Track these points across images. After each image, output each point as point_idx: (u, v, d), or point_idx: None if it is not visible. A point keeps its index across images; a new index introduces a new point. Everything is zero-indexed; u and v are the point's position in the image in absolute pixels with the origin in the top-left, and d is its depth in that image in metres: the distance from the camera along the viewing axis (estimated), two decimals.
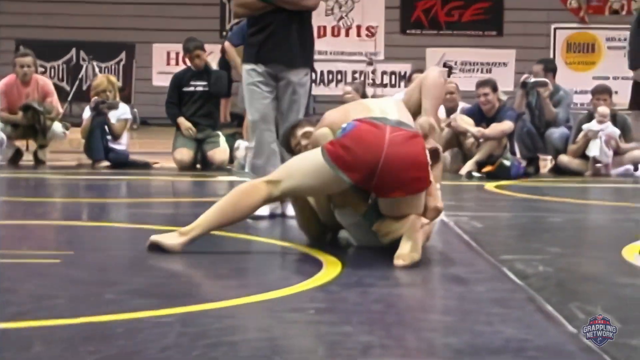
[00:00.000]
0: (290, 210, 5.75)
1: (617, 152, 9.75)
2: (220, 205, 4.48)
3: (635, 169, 9.88)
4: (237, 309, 3.33)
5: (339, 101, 11.47)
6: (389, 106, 4.53)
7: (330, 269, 4.05)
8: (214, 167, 9.82)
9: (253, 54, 5.90)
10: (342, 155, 4.27)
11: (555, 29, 18.64)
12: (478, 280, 4.00)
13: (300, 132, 5.06)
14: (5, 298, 3.42)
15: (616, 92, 10.96)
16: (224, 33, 17.08)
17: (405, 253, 4.20)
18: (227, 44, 10.45)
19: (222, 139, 10.08)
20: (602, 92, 10.08)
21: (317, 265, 4.12)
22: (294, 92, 5.89)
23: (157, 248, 4.37)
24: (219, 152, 9.97)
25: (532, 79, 10.00)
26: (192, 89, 10.11)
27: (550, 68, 10.41)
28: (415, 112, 4.61)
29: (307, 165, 4.41)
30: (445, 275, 4.13)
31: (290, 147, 5.16)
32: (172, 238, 4.41)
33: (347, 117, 4.45)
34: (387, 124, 4.34)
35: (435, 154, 4.47)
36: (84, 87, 17.17)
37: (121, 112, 10.26)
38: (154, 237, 4.43)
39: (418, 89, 4.68)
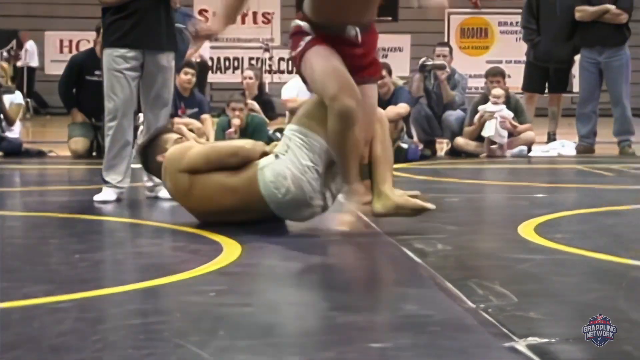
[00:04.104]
0: (163, 193, 5.82)
1: (512, 134, 9.91)
2: None
3: (529, 150, 10.06)
4: (136, 293, 3.29)
5: (235, 88, 11.46)
6: None
7: (230, 251, 4.03)
8: None
9: (120, 38, 5.78)
10: None
11: (449, 14, 18.87)
12: (378, 259, 4.02)
13: (171, 138, 5.02)
14: None
15: (509, 76, 11.13)
16: None
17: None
18: None
19: None
20: (495, 75, 10.22)
21: (217, 248, 4.10)
22: (165, 77, 5.89)
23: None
24: None
25: (430, 62, 10.09)
26: (96, 78, 9.65)
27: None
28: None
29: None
30: (346, 256, 4.14)
31: (150, 157, 5.07)
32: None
33: None
34: None
35: None
36: None
37: (14, 97, 10.04)
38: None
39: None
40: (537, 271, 3.74)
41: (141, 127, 8.60)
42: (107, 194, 5.82)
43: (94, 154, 9.71)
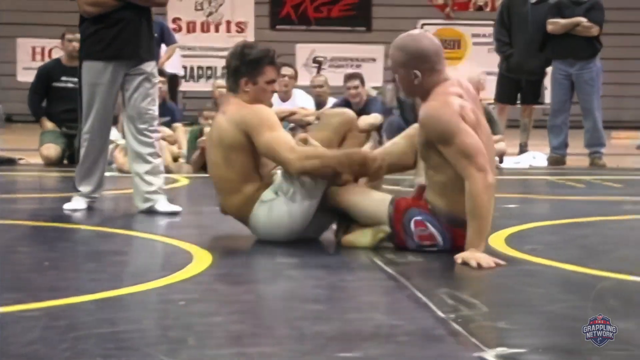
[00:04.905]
0: (160, 205, 5.73)
1: None
2: None
3: (501, 161, 10.09)
4: (105, 301, 3.27)
5: (208, 97, 11.41)
6: None
7: (200, 260, 4.02)
8: None
9: (101, 51, 5.72)
10: None
11: (422, 25, 18.92)
12: (348, 269, 4.03)
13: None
14: None
15: None
16: None
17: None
18: None
19: None
20: None
21: (187, 257, 4.09)
22: (149, 83, 5.83)
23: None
24: None
25: None
26: (62, 84, 9.75)
27: None
28: None
29: None
30: (316, 265, 4.14)
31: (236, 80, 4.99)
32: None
33: None
34: None
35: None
36: None
37: None
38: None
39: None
40: (507, 282, 3.75)
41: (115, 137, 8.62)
42: (77, 202, 5.78)
43: (65, 162, 9.68)
